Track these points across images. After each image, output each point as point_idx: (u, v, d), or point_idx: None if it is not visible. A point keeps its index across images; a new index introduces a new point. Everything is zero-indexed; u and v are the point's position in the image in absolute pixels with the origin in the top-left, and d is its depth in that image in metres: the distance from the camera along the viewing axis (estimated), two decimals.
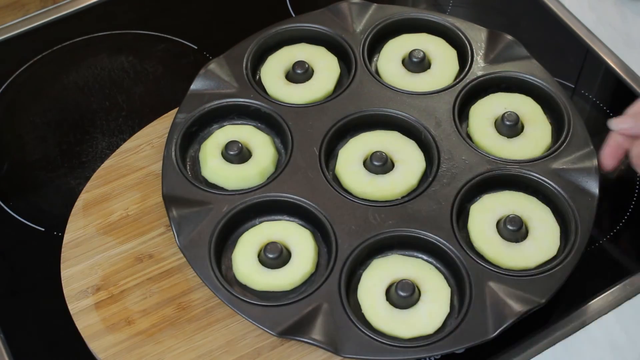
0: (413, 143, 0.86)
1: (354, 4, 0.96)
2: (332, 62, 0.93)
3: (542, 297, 0.76)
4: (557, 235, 0.81)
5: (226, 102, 0.89)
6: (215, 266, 0.79)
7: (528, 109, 0.88)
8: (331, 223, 0.81)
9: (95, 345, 0.77)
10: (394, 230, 0.80)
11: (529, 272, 0.78)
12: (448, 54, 0.93)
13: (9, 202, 0.92)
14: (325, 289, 0.77)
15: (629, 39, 1.03)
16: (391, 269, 0.79)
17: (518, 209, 0.82)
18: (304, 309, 0.76)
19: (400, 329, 0.76)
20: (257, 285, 0.79)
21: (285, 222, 0.83)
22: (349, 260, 0.79)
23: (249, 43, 0.93)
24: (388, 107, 0.88)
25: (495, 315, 0.75)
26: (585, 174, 0.83)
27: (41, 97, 1.01)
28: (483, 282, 0.77)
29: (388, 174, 0.84)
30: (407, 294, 0.76)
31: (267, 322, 0.76)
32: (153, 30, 1.06)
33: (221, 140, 0.86)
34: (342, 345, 0.74)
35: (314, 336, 0.75)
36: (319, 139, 0.86)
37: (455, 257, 0.79)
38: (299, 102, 0.89)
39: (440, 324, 0.76)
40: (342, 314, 0.76)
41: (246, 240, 0.81)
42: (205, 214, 0.81)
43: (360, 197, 0.83)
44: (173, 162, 0.85)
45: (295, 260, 0.79)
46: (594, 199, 0.82)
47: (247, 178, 0.84)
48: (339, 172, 0.85)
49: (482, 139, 0.86)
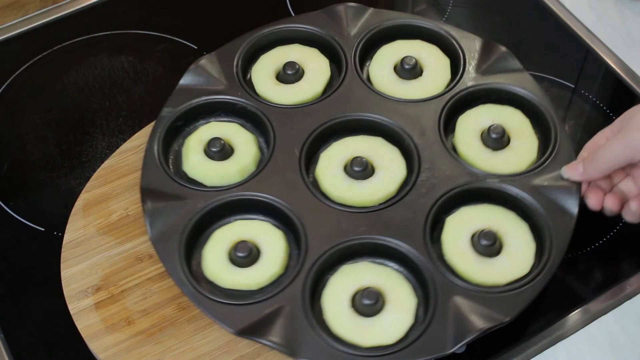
0: (396, 150, 0.86)
1: (350, 7, 0.95)
2: (323, 64, 0.92)
3: (506, 316, 0.74)
4: (532, 253, 0.79)
5: (213, 99, 0.89)
6: (183, 261, 0.79)
7: (516, 123, 0.87)
8: (304, 226, 0.80)
9: (95, 345, 0.77)
10: (366, 237, 0.79)
11: (496, 289, 0.76)
12: (441, 63, 0.92)
13: (9, 202, 0.92)
14: (290, 292, 0.77)
15: (629, 39, 1.03)
16: (359, 276, 0.78)
17: (495, 223, 0.80)
18: (265, 309, 0.76)
19: (361, 337, 0.75)
20: (224, 282, 0.79)
21: (259, 222, 0.82)
22: (317, 265, 0.78)
23: (242, 41, 0.93)
24: (374, 112, 0.87)
25: (456, 330, 0.74)
26: (566, 192, 0.81)
27: (41, 97, 1.01)
28: (449, 296, 0.76)
29: (367, 180, 0.83)
30: (371, 302, 0.75)
31: (228, 320, 0.75)
32: (153, 30, 1.07)
33: (205, 136, 0.87)
34: (299, 349, 0.74)
35: (272, 338, 0.74)
36: (301, 140, 0.85)
37: (423, 269, 0.77)
38: (286, 103, 0.89)
39: (402, 335, 0.75)
40: (302, 317, 0.75)
41: (218, 237, 0.81)
42: (180, 209, 0.81)
43: (338, 201, 0.82)
44: (154, 155, 0.85)
45: (265, 261, 0.79)
46: (572, 218, 0.80)
47: (227, 175, 0.84)
48: (319, 175, 0.84)
49: (467, 150, 0.85)
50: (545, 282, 0.77)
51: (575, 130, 0.97)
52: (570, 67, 1.02)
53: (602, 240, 0.87)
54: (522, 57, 0.92)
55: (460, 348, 0.77)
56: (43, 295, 0.85)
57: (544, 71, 1.00)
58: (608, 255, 0.86)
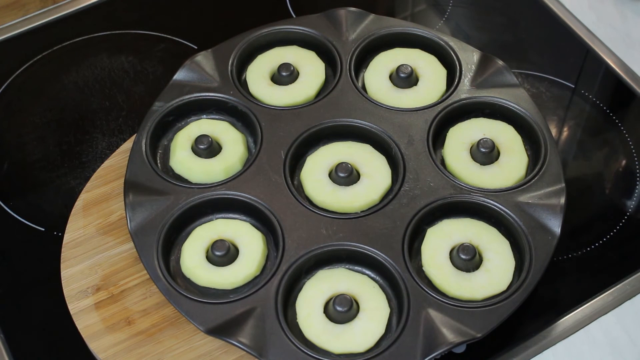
0: (383, 158, 0.85)
1: (351, 12, 0.95)
2: (318, 67, 0.92)
3: (478, 332, 0.73)
4: (511, 270, 0.78)
5: (204, 96, 0.89)
6: (160, 256, 0.79)
7: (507, 138, 0.86)
8: (282, 228, 0.80)
9: (95, 345, 0.77)
10: (343, 244, 0.79)
11: (471, 303, 0.75)
12: (437, 73, 0.91)
13: (9, 202, 0.92)
14: (263, 293, 0.76)
15: (629, 39, 1.03)
16: (334, 282, 0.78)
17: (476, 238, 0.79)
18: (236, 310, 0.76)
19: (331, 344, 0.74)
20: (199, 280, 0.78)
21: (239, 222, 0.82)
22: (292, 268, 0.78)
23: (239, 40, 0.93)
24: (364, 119, 0.86)
25: (426, 343, 0.73)
26: (550, 211, 0.80)
27: (41, 97, 1.01)
28: (422, 308, 0.75)
29: (351, 186, 0.83)
30: (344, 309, 0.75)
31: (198, 318, 0.75)
32: (153, 30, 1.07)
33: (194, 133, 0.87)
34: (266, 351, 0.73)
35: (240, 338, 0.74)
36: (288, 143, 0.85)
37: (399, 279, 0.77)
38: (277, 104, 0.89)
39: (372, 344, 0.75)
40: (274, 320, 0.75)
41: (197, 235, 0.81)
42: (161, 204, 0.81)
43: (320, 206, 0.82)
44: (141, 149, 0.85)
45: (242, 261, 0.79)
46: (554, 238, 0.78)
47: (212, 173, 0.84)
48: (303, 179, 0.84)
49: (454, 163, 0.84)
50: (521, 301, 0.75)
51: (575, 130, 0.97)
52: (570, 67, 1.02)
53: (602, 241, 0.87)
54: (522, 57, 0.92)
55: (460, 348, 0.77)
56: (43, 295, 0.85)
57: (544, 71, 1.00)
58: (608, 255, 0.86)
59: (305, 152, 0.86)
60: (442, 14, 1.08)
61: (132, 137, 0.90)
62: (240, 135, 0.88)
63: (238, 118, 0.89)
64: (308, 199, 0.83)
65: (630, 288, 0.84)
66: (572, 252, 0.86)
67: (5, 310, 0.84)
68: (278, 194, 0.82)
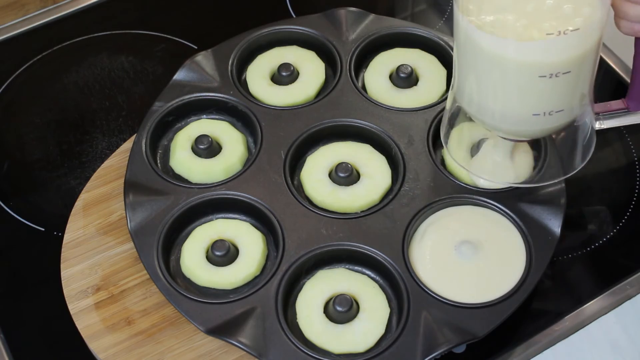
0: (383, 158, 0.85)
1: (351, 12, 0.95)
2: (318, 67, 0.92)
3: (479, 331, 0.74)
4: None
5: (204, 96, 0.89)
6: (160, 255, 0.79)
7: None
8: (282, 228, 0.80)
9: (95, 345, 0.77)
10: (343, 243, 0.79)
11: (471, 304, 0.75)
12: (438, 73, 0.91)
13: (9, 202, 0.92)
14: (263, 293, 0.76)
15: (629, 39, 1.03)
16: (334, 282, 0.78)
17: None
18: (237, 310, 0.76)
19: (331, 344, 0.75)
20: (199, 280, 0.79)
21: (239, 222, 0.82)
22: (292, 268, 0.78)
23: (239, 40, 0.93)
24: (364, 119, 0.87)
25: (426, 343, 0.73)
26: (550, 211, 0.80)
27: (41, 97, 1.01)
28: (422, 308, 0.75)
29: (351, 186, 0.83)
30: (344, 309, 0.75)
31: (198, 318, 0.75)
32: (153, 30, 1.07)
33: (194, 133, 0.87)
34: (266, 351, 0.73)
35: (240, 338, 0.74)
36: (288, 143, 0.85)
37: (399, 279, 0.77)
38: (277, 104, 0.89)
39: (372, 344, 0.75)
40: (274, 320, 0.75)
41: (197, 235, 0.81)
42: (161, 204, 0.82)
43: (320, 206, 0.82)
44: (141, 149, 0.85)
45: (242, 261, 0.79)
46: (555, 238, 0.78)
47: (212, 173, 0.84)
48: (303, 179, 0.84)
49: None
50: (521, 301, 0.75)
51: None
52: None
53: (602, 241, 0.87)
54: None
55: (460, 348, 0.77)
56: (43, 295, 0.85)
57: None
58: (608, 255, 0.86)
59: (305, 152, 0.86)
60: (442, 14, 1.08)
61: (132, 137, 0.90)
62: (240, 135, 0.88)
63: (238, 118, 0.89)
64: (308, 199, 0.83)
65: (630, 288, 0.83)
66: (572, 252, 0.86)
67: (5, 310, 0.84)
68: (278, 194, 0.82)
